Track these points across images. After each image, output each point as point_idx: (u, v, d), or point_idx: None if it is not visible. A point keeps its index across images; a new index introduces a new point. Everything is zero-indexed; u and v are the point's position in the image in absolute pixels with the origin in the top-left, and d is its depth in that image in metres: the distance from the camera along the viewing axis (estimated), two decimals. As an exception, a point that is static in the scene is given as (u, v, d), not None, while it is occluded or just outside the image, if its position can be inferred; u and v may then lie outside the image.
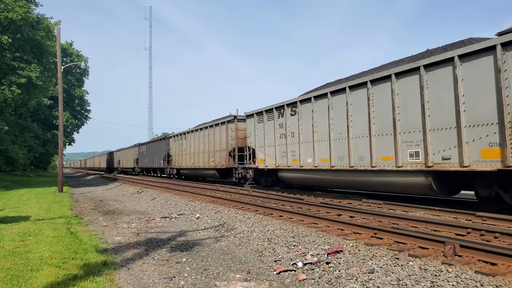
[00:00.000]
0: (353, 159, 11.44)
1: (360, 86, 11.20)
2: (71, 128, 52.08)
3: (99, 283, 4.78)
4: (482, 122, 7.96)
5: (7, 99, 24.37)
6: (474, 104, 8.12)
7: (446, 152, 8.70)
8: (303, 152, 13.79)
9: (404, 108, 9.79)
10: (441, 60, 8.74)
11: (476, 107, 8.10)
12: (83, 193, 21.68)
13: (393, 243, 6.19)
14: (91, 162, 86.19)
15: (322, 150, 12.86)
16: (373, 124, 10.72)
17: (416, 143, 9.48)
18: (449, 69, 8.59)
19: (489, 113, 7.82)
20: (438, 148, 8.90)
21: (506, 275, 4.41)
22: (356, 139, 11.37)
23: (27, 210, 12.27)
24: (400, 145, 9.85)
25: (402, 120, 9.83)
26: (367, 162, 10.92)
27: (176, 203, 13.98)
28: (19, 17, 23.20)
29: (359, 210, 9.19)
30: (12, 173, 40.29)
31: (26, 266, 5.37)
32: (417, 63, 9.34)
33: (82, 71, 50.10)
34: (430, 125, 9.10)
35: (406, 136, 9.71)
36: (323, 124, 12.75)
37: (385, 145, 10.35)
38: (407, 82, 9.68)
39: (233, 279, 5.26)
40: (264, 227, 8.22)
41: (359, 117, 11.25)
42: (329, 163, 12.41)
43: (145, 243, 7.61)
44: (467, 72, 8.26)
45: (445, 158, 8.72)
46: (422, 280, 4.50)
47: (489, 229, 6.48)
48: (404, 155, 9.79)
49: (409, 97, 9.64)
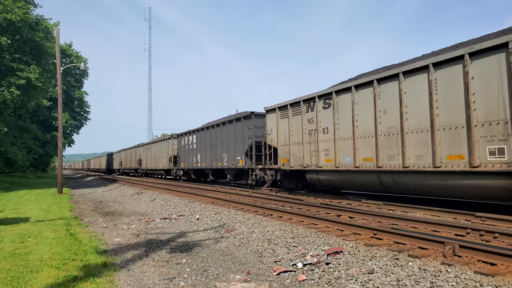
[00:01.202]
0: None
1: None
2: (70, 129, 52.02)
3: (99, 284, 4.78)
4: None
5: (6, 100, 24.35)
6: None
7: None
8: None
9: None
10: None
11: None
12: (83, 194, 21.66)
13: (393, 244, 6.20)
14: (92, 163, 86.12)
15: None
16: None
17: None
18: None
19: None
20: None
21: (505, 275, 4.42)
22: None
23: (27, 211, 12.26)
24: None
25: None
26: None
27: (176, 204, 13.97)
28: (18, 18, 23.18)
29: (358, 211, 9.19)
30: (11, 175, 40.25)
31: (26, 268, 5.37)
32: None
33: (81, 72, 50.07)
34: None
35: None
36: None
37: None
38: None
39: (233, 280, 5.26)
40: (264, 228, 8.22)
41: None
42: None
43: (145, 244, 7.61)
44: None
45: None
46: (422, 280, 4.51)
47: (488, 230, 6.49)
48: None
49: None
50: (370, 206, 10.63)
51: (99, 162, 71.61)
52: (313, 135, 13.41)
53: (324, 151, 12.89)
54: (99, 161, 73.02)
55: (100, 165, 69.87)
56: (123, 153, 49.33)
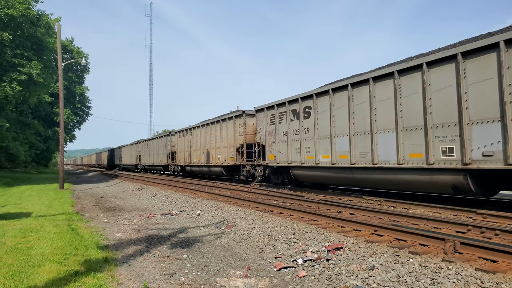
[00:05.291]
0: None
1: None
2: (72, 125, 52.13)
3: (100, 279, 4.80)
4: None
5: (7, 96, 24.38)
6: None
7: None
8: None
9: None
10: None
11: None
12: (84, 189, 21.73)
13: (394, 240, 6.20)
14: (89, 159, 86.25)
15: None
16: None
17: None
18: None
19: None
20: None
21: (506, 272, 4.42)
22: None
23: (29, 206, 12.30)
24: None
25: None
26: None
27: (177, 200, 14.00)
28: (20, 14, 23.16)
29: (359, 207, 9.19)
30: (13, 170, 40.39)
31: (28, 262, 5.39)
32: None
33: (82, 68, 50.08)
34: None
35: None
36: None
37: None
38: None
39: (234, 276, 5.28)
40: (265, 224, 8.23)
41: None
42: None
43: (146, 239, 7.63)
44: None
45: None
46: (422, 277, 4.51)
47: (489, 227, 6.48)
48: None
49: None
50: (371, 203, 10.63)
51: (100, 157, 71.83)
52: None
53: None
54: (100, 156, 73.24)
55: (101, 160, 70.06)
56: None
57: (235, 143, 19.52)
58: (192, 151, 25.78)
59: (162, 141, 32.57)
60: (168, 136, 31.09)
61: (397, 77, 9.97)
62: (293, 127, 14.57)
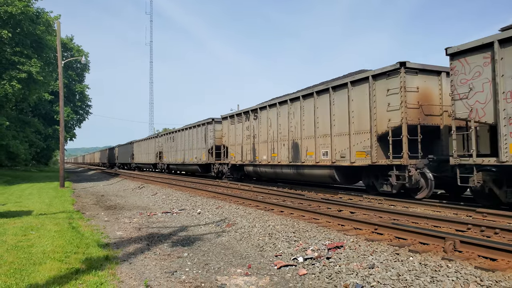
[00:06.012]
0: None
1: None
2: (72, 123, 52.05)
3: (101, 277, 4.81)
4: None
5: (7, 94, 24.33)
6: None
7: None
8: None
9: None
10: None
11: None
12: (85, 188, 21.75)
13: (394, 239, 6.21)
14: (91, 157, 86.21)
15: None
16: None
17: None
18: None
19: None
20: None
21: (506, 271, 4.44)
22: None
23: (29, 205, 12.32)
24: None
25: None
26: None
27: (178, 198, 14.02)
28: (19, 11, 23.08)
29: (360, 206, 9.21)
30: (13, 168, 40.39)
31: (28, 260, 5.41)
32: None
33: (82, 66, 49.99)
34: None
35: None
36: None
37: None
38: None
39: (234, 274, 5.29)
40: (265, 222, 8.25)
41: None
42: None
43: (147, 238, 7.65)
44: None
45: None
46: (422, 275, 4.53)
47: (489, 225, 6.50)
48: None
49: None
50: (371, 202, 10.66)
51: (99, 156, 71.88)
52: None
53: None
54: (99, 155, 73.27)
55: (100, 159, 70.04)
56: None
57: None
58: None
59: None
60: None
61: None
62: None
